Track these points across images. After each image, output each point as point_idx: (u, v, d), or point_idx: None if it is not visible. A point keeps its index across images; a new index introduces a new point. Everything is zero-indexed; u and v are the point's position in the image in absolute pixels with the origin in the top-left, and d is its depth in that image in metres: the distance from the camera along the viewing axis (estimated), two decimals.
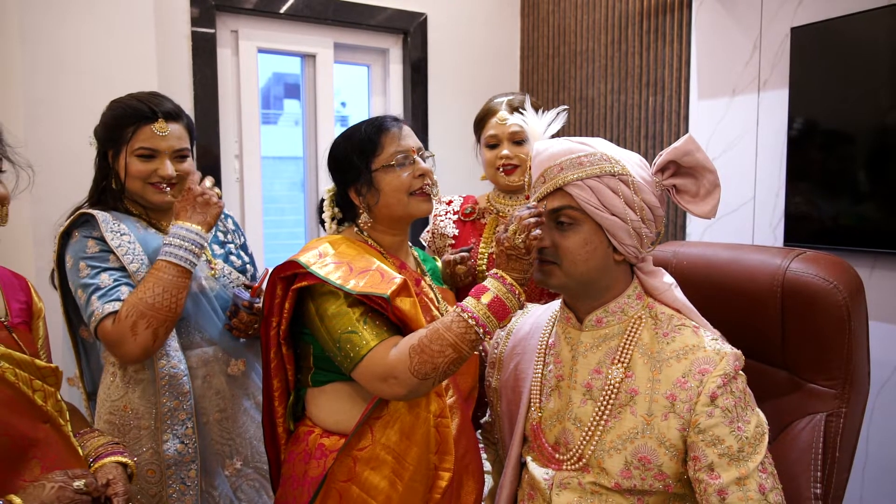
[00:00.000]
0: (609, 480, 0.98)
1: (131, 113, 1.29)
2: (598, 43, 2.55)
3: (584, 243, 0.99)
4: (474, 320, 1.00)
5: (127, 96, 1.35)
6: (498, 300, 1.01)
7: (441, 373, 1.01)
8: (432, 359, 0.99)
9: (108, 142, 1.32)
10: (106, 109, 1.35)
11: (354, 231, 1.22)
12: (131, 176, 1.30)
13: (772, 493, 0.92)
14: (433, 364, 1.00)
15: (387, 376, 1.01)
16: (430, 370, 1.00)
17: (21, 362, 0.88)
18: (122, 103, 1.32)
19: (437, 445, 1.10)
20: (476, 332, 1.00)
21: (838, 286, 1.15)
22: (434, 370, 1.00)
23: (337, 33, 2.60)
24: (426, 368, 0.99)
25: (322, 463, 1.10)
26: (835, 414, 1.16)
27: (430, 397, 1.10)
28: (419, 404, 1.09)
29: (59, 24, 1.90)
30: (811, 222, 1.76)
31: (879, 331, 1.24)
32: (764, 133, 1.91)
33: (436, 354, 0.99)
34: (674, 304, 1.07)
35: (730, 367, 0.96)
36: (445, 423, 1.11)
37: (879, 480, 1.69)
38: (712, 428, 0.93)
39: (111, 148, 1.32)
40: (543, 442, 1.08)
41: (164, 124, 1.30)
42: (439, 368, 1.00)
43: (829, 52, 1.68)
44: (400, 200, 1.15)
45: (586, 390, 1.04)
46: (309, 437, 1.14)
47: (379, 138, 1.16)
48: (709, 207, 1.02)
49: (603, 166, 0.99)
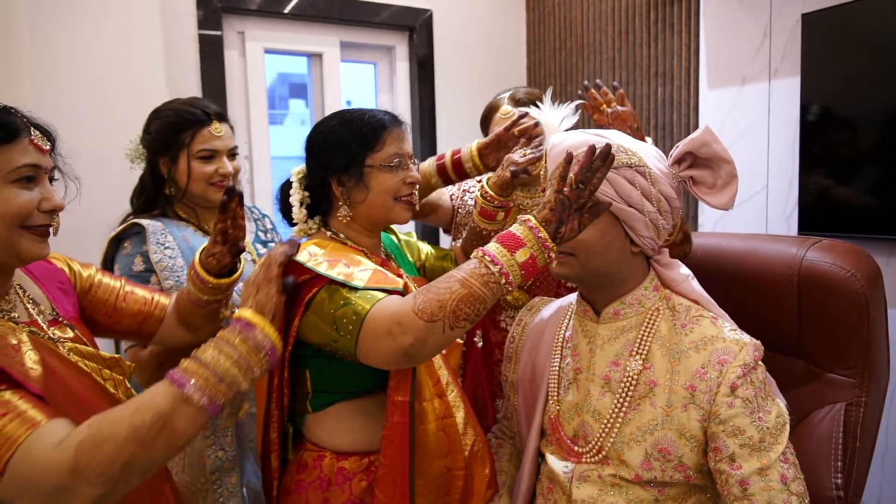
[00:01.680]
0: (629, 472, 0.98)
1: (185, 118, 1.34)
2: (605, 35, 2.54)
3: (602, 235, 0.99)
4: (497, 265, 0.88)
5: (172, 104, 1.39)
6: (532, 260, 0.89)
7: (450, 313, 0.87)
8: (438, 295, 0.87)
9: (163, 149, 1.35)
10: (153, 119, 1.38)
11: (328, 235, 1.13)
12: (195, 179, 1.34)
13: (794, 483, 0.91)
14: (439, 301, 0.87)
15: (391, 327, 0.89)
16: (436, 309, 0.87)
17: (88, 354, 0.90)
18: (173, 110, 1.36)
19: (448, 447, 1.08)
20: (495, 277, 0.88)
21: (856, 274, 1.15)
22: (441, 309, 0.87)
23: (343, 32, 2.60)
24: (432, 307, 0.87)
25: (347, 487, 1.06)
26: (854, 403, 1.15)
27: (432, 403, 1.07)
28: (425, 417, 1.05)
29: (67, 28, 1.91)
30: (826, 210, 1.75)
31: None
32: (776, 121, 1.90)
33: (442, 291, 0.88)
34: (691, 295, 1.07)
35: (749, 357, 0.95)
36: (451, 423, 1.09)
37: None
38: (733, 418, 0.92)
39: (165, 155, 1.35)
40: (562, 435, 1.08)
41: (219, 125, 1.37)
42: (447, 307, 0.87)
43: (841, 37, 1.66)
44: (385, 203, 1.11)
45: (605, 383, 1.04)
46: (322, 462, 1.08)
47: (382, 134, 1.10)
48: (726, 199, 1.01)
49: (620, 158, 0.98)
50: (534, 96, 1.45)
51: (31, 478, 0.68)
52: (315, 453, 1.10)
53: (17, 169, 0.79)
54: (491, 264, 0.88)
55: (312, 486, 1.08)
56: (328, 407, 1.09)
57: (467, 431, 1.12)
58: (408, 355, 0.90)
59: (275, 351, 0.82)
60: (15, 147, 0.79)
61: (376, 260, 1.15)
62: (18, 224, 0.80)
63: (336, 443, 1.09)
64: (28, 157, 0.80)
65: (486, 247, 0.91)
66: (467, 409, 1.15)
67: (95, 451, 0.68)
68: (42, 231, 0.83)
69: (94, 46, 1.95)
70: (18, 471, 0.68)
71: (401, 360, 0.92)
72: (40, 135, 0.84)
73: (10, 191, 0.79)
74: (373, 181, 1.10)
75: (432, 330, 0.87)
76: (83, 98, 1.92)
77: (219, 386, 0.75)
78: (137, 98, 2.02)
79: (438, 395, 1.09)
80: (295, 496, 1.10)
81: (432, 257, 1.37)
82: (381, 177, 1.10)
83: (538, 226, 0.89)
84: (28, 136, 0.81)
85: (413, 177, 1.14)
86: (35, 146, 0.82)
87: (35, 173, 0.82)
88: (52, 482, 0.67)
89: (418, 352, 0.90)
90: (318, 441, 1.11)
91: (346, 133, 1.10)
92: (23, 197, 0.80)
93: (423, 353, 0.91)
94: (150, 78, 2.02)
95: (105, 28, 1.97)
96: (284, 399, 1.11)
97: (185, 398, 0.73)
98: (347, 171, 1.10)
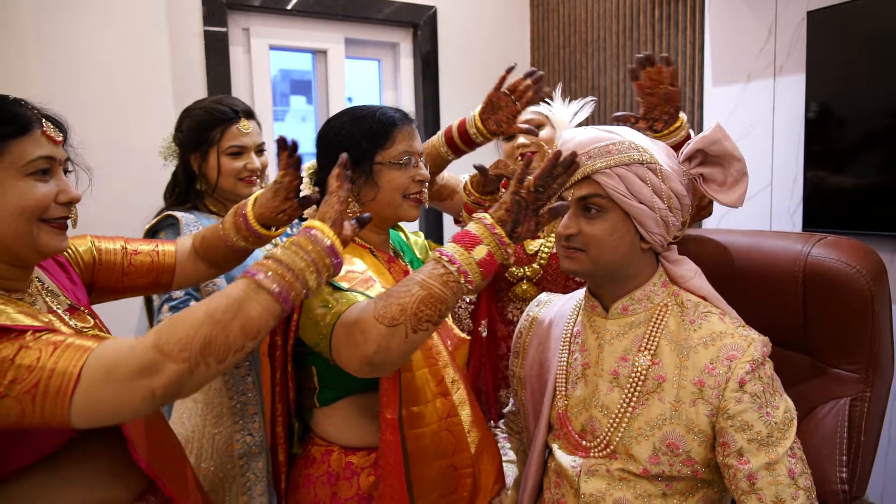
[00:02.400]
0: (637, 467, 0.99)
1: (215, 116, 1.40)
2: (610, 32, 2.54)
3: (612, 231, 1.00)
4: (455, 265, 0.87)
5: (202, 102, 1.45)
6: (490, 257, 0.88)
7: (412, 316, 0.85)
8: (398, 299, 0.85)
9: (194, 146, 1.42)
10: (184, 118, 1.44)
11: None
12: (224, 174, 1.39)
13: (801, 477, 0.92)
14: (399, 305, 0.85)
15: (355, 335, 0.88)
16: (396, 313, 0.85)
17: None
18: (203, 109, 1.43)
19: (454, 447, 1.09)
20: (454, 276, 0.87)
21: (861, 270, 1.15)
22: (402, 312, 0.85)
23: (347, 28, 2.61)
24: (392, 311, 0.85)
25: (355, 482, 1.07)
26: (859, 398, 1.16)
27: (434, 404, 1.07)
28: (423, 420, 1.05)
29: (73, 25, 1.91)
30: (830, 207, 1.76)
31: None
32: (780, 118, 1.90)
33: (402, 294, 0.86)
34: (699, 291, 1.08)
35: (758, 352, 0.96)
36: (457, 422, 1.09)
37: None
38: (741, 413, 0.93)
39: (196, 152, 1.42)
40: (570, 429, 1.09)
41: (247, 122, 1.43)
42: (407, 310, 0.85)
43: (846, 35, 1.67)
44: (394, 200, 1.11)
45: (613, 378, 1.05)
46: (330, 457, 1.09)
47: (392, 132, 1.11)
48: (736, 196, 1.02)
49: (631, 154, 0.99)
50: (545, 93, 1.47)
51: (114, 364, 0.70)
52: (323, 448, 1.11)
53: (31, 161, 0.79)
54: (448, 264, 0.87)
55: (321, 481, 1.09)
56: (335, 402, 1.10)
57: (473, 429, 1.13)
58: (372, 364, 0.87)
59: (335, 250, 0.83)
60: (28, 139, 0.79)
61: (383, 257, 1.16)
62: (37, 217, 0.80)
63: (344, 438, 1.10)
64: (42, 149, 0.80)
65: (444, 247, 0.91)
66: (473, 407, 1.16)
67: (174, 329, 0.71)
68: (60, 224, 0.83)
69: (99, 43, 1.95)
70: (95, 366, 0.69)
71: (366, 370, 0.89)
72: (52, 126, 0.84)
73: (27, 184, 0.79)
74: (382, 178, 1.10)
75: (394, 334, 0.85)
76: (89, 94, 1.92)
77: (287, 275, 0.78)
78: (143, 95, 2.03)
79: (442, 394, 1.09)
80: (303, 490, 1.11)
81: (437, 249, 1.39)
82: (390, 174, 1.10)
83: (494, 223, 0.89)
84: (40, 127, 0.81)
85: (422, 175, 1.14)
86: (48, 138, 0.82)
87: (50, 165, 0.82)
88: (136, 360, 0.70)
89: (384, 360, 0.87)
90: (326, 436, 1.12)
91: (356, 130, 1.11)
92: (40, 189, 0.80)
93: (388, 360, 0.87)
94: (157, 74, 2.02)
95: (111, 24, 1.97)
96: (290, 394, 1.12)
97: (257, 284, 0.76)
98: (357, 168, 1.10)
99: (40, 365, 0.68)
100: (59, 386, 0.68)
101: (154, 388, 0.70)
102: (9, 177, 0.78)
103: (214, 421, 1.36)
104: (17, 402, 0.68)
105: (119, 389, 0.69)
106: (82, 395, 0.68)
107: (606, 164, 0.99)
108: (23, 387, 0.67)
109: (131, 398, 0.70)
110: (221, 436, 1.36)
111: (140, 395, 0.70)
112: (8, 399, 0.67)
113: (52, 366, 0.68)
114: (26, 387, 0.67)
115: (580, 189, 1.02)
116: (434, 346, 1.11)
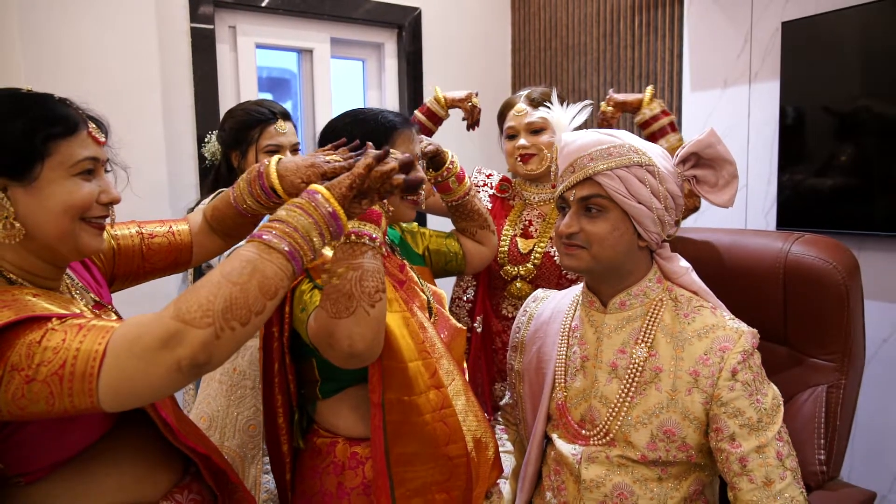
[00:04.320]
0: (635, 453, 1.05)
1: (255, 117, 1.51)
2: (590, 37, 2.61)
3: (613, 229, 1.05)
4: (364, 237, 0.96)
5: (244, 104, 1.57)
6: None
7: (362, 295, 0.92)
8: (341, 289, 0.92)
9: (235, 145, 1.55)
10: (227, 118, 1.56)
11: None
12: None
13: (788, 458, 0.99)
14: (344, 294, 0.92)
15: (323, 337, 0.94)
16: (346, 301, 0.92)
17: None
18: (244, 110, 1.54)
19: (448, 437, 1.11)
20: (367, 245, 0.96)
21: (837, 266, 1.24)
22: (350, 298, 0.92)
23: (333, 28, 2.61)
24: (341, 303, 0.92)
25: (360, 472, 1.10)
26: (835, 385, 1.25)
27: (427, 396, 1.09)
28: (419, 409, 1.08)
29: (59, 22, 1.88)
30: (802, 207, 1.86)
31: (866, 308, 1.33)
32: (755, 123, 2.00)
33: (343, 285, 0.93)
34: (691, 286, 1.14)
35: (748, 343, 1.03)
36: (450, 413, 1.12)
37: (867, 448, 1.80)
38: (734, 401, 1.00)
39: (236, 149, 1.55)
40: (569, 420, 1.14)
41: (284, 123, 1.54)
42: (354, 294, 0.92)
43: (818, 45, 1.77)
44: (392, 201, 1.15)
45: (612, 369, 1.10)
46: (335, 448, 1.12)
47: (392, 135, 1.15)
48: (727, 197, 1.09)
49: (631, 157, 1.04)
50: (547, 97, 1.52)
51: (136, 337, 0.69)
52: (328, 440, 1.13)
53: (79, 162, 0.80)
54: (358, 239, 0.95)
55: (326, 471, 1.11)
56: (337, 394, 1.12)
57: (468, 419, 1.15)
58: (353, 356, 0.93)
59: (336, 216, 0.84)
60: (75, 140, 0.80)
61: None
62: (80, 216, 0.81)
63: (348, 428, 1.12)
64: (88, 150, 0.81)
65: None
66: (468, 397, 1.18)
67: (193, 296, 0.71)
68: (99, 224, 0.84)
69: (87, 40, 1.92)
70: (119, 342, 0.69)
71: (353, 362, 0.95)
72: (96, 127, 0.85)
73: (74, 183, 0.80)
74: None
75: (358, 320, 0.91)
76: (77, 92, 1.87)
77: (294, 234, 0.79)
78: (132, 91, 2.01)
79: (435, 386, 1.11)
80: (310, 482, 1.13)
81: (434, 236, 1.42)
82: None
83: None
84: (86, 128, 0.82)
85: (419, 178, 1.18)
86: (93, 138, 0.83)
87: (94, 166, 0.83)
88: (158, 331, 0.68)
89: (361, 348, 0.93)
90: (331, 427, 1.14)
91: (358, 131, 1.14)
92: (85, 188, 0.81)
93: (365, 345, 0.93)
94: (145, 71, 2.00)
95: (99, 22, 1.94)
96: (290, 386, 1.14)
97: (266, 244, 0.76)
98: None
99: (66, 346, 0.68)
100: (85, 365, 0.67)
101: (180, 358, 0.68)
102: (57, 176, 0.78)
103: (237, 402, 1.44)
104: (45, 386, 0.67)
105: (144, 364, 0.68)
106: (108, 372, 0.68)
107: (608, 166, 1.04)
108: (49, 368, 0.67)
109: (157, 371, 0.68)
110: (243, 416, 1.44)
111: (165, 366, 0.68)
112: (36, 383, 0.67)
113: (78, 346, 0.68)
114: (53, 368, 0.67)
115: (582, 189, 1.07)
116: (428, 338, 1.14)
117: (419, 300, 1.18)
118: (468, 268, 1.42)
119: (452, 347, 1.22)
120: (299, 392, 1.17)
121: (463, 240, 1.41)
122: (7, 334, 0.69)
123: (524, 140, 1.56)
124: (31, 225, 0.78)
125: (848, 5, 1.71)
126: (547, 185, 1.62)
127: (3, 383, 0.67)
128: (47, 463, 0.79)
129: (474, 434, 1.16)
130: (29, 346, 0.68)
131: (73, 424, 0.80)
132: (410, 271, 1.24)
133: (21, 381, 0.67)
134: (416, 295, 1.19)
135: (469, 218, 1.38)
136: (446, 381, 1.13)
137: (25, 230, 0.78)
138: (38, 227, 0.78)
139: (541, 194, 1.62)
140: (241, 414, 1.44)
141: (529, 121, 1.55)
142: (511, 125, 1.58)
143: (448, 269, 1.41)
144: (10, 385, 0.67)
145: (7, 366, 0.68)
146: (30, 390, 0.67)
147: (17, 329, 0.69)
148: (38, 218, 0.78)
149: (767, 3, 1.92)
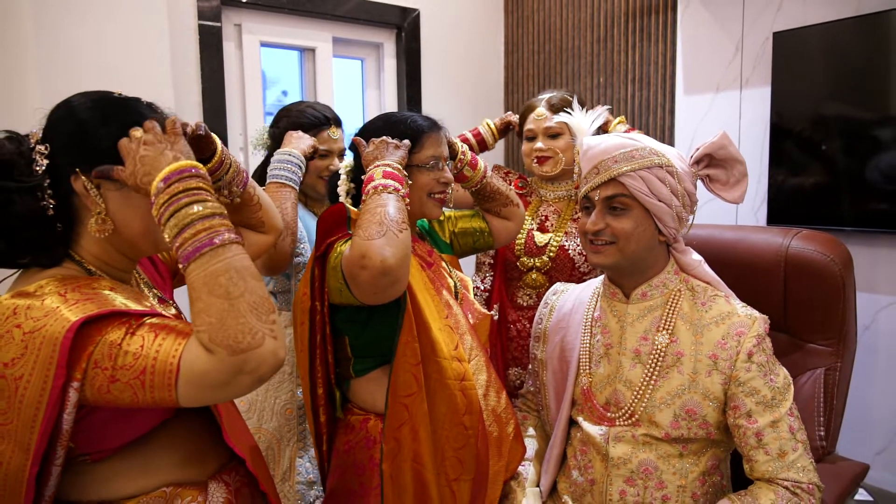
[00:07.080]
0: (659, 432, 1.14)
1: (311, 120, 1.55)
2: (585, 41, 2.71)
3: (636, 225, 1.14)
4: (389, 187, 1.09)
5: (299, 105, 1.59)
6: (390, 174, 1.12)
7: (390, 222, 1.02)
8: (371, 217, 1.02)
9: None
10: (282, 117, 1.57)
11: None
12: (309, 171, 1.52)
13: (799, 432, 1.09)
14: (375, 221, 1.01)
15: (356, 260, 1.00)
16: (377, 226, 1.01)
17: None
18: (300, 111, 1.56)
19: (466, 408, 1.17)
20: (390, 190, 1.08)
21: (834, 259, 1.35)
22: (380, 224, 1.01)
23: (335, 28, 2.66)
24: (373, 228, 1.01)
25: None
26: (832, 368, 1.36)
27: (451, 363, 1.15)
28: (445, 373, 1.14)
29: (73, 22, 1.89)
30: (791, 205, 1.98)
31: None
32: (746, 126, 2.12)
33: (372, 213, 1.03)
34: (705, 277, 1.23)
35: (761, 328, 1.12)
36: (470, 386, 1.18)
37: (850, 428, 1.94)
38: (750, 381, 1.09)
39: None
40: (595, 403, 1.22)
41: (336, 129, 1.59)
42: (384, 221, 1.02)
43: (807, 54, 1.90)
44: (420, 199, 1.22)
45: (635, 355, 1.18)
46: (367, 424, 1.17)
47: (421, 137, 1.21)
48: (738, 194, 1.18)
49: (652, 159, 1.13)
50: (566, 102, 1.60)
51: (202, 376, 0.72)
52: (361, 416, 1.19)
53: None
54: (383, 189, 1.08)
55: (359, 446, 1.18)
56: (369, 372, 1.18)
57: (489, 393, 1.22)
58: (386, 273, 0.98)
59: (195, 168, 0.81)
60: None
61: None
62: None
63: (379, 405, 1.18)
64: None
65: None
66: (490, 374, 1.24)
67: (222, 327, 0.71)
68: None
69: (99, 39, 1.93)
70: (188, 373, 0.72)
71: (383, 283, 0.99)
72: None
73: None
74: (410, 179, 1.20)
75: (388, 241, 0.99)
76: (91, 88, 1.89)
77: (202, 224, 0.75)
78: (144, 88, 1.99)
79: (457, 358, 1.17)
80: (344, 456, 1.20)
81: (459, 217, 1.46)
82: (418, 175, 1.21)
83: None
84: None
85: (447, 177, 1.25)
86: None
87: None
88: (223, 374, 0.71)
89: (391, 265, 0.98)
90: (363, 404, 1.20)
91: (390, 132, 1.21)
92: None
93: (395, 264, 0.99)
94: (156, 69, 2.02)
95: (111, 20, 1.95)
96: (329, 357, 1.20)
97: (212, 249, 0.74)
98: None
99: (144, 352, 0.73)
100: (162, 376, 0.72)
101: (258, 375, 0.72)
102: None
103: (276, 387, 1.52)
104: (128, 387, 0.72)
105: (219, 393, 0.73)
106: (184, 387, 0.72)
107: (631, 168, 1.13)
108: (131, 374, 0.72)
109: (236, 391, 0.73)
110: (280, 400, 1.52)
111: (244, 387, 0.73)
112: (119, 384, 0.72)
113: (155, 354, 0.73)
114: (135, 373, 0.72)
115: (607, 189, 1.15)
116: (453, 314, 1.21)
117: (446, 284, 1.25)
118: (496, 243, 1.45)
119: (478, 329, 1.29)
120: (336, 371, 1.23)
121: (489, 217, 1.44)
122: (90, 326, 0.73)
123: (541, 143, 1.64)
124: (119, 221, 0.83)
125: (835, 18, 1.83)
126: (562, 184, 1.71)
127: (89, 377, 0.72)
128: (114, 445, 0.84)
129: (494, 409, 1.22)
130: (111, 347, 0.73)
131: (141, 411, 0.84)
132: (438, 258, 1.31)
133: (105, 380, 0.72)
134: (443, 279, 1.26)
135: (492, 199, 1.41)
136: (468, 356, 1.20)
137: (114, 226, 0.82)
138: (126, 224, 0.83)
139: (556, 192, 1.71)
140: (279, 398, 1.52)
141: (548, 125, 1.63)
142: (530, 128, 1.66)
143: (477, 248, 1.45)
144: (96, 380, 0.73)
145: (91, 361, 0.72)
146: (115, 387, 0.73)
147: (99, 323, 0.74)
148: (125, 215, 0.83)
149: (758, 14, 2.04)
